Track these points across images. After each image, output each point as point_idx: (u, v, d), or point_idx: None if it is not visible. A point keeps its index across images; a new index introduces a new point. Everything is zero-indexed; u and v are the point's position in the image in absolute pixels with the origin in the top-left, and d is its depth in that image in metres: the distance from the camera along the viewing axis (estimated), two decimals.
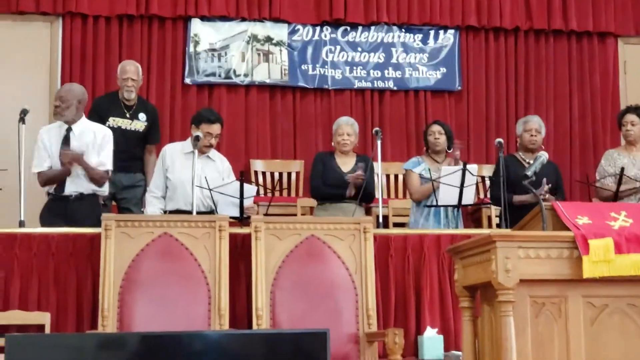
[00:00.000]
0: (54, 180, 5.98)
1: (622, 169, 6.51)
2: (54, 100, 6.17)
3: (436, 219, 6.60)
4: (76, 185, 5.99)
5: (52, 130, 6.15)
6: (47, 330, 5.29)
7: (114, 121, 6.76)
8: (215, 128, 6.31)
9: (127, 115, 6.86)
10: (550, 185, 6.33)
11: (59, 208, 5.99)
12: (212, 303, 5.34)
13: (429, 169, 6.57)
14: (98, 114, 6.62)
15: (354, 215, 6.32)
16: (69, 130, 6.05)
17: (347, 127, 6.68)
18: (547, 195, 6.26)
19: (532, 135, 6.79)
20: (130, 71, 6.86)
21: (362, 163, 6.58)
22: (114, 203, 6.62)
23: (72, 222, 5.75)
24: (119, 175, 6.46)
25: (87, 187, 6.01)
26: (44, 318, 5.35)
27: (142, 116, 6.90)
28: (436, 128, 6.81)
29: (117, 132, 6.47)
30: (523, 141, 6.84)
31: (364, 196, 6.57)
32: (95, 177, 6.00)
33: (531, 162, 6.65)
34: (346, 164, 6.64)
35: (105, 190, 6.15)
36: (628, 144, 6.92)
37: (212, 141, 6.27)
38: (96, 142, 6.05)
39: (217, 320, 5.28)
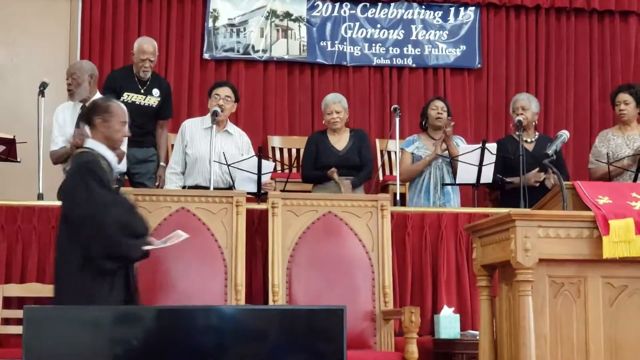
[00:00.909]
0: (64, 158, 6.01)
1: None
2: (66, 79, 6.18)
3: (426, 196, 6.58)
4: None
5: (67, 110, 6.18)
6: None
7: (128, 96, 6.75)
8: (223, 90, 6.30)
9: (142, 91, 6.85)
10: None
11: None
12: (228, 278, 5.36)
13: (433, 146, 6.54)
14: (113, 88, 6.61)
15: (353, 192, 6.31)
16: (83, 107, 6.06)
17: (334, 105, 6.63)
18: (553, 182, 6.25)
19: (518, 115, 6.70)
20: (148, 51, 6.81)
21: (355, 139, 6.54)
22: (126, 177, 6.62)
23: None
24: (132, 149, 6.47)
25: None
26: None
27: (155, 92, 6.89)
28: (440, 104, 6.77)
29: (131, 107, 6.46)
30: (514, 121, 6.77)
31: (363, 176, 6.54)
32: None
33: (529, 140, 6.68)
34: (340, 141, 6.62)
35: (123, 167, 6.17)
36: (622, 123, 6.80)
37: (220, 102, 6.23)
38: None
39: (234, 296, 5.30)
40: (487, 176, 6.38)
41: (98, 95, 6.15)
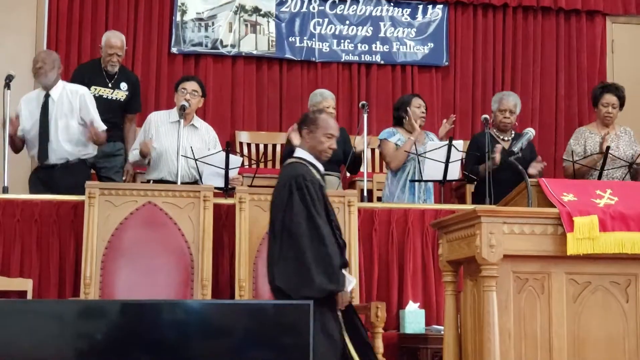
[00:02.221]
0: (13, 146, 6.05)
1: (608, 148, 6.45)
2: (35, 62, 6.14)
3: (411, 192, 6.59)
4: (58, 154, 5.99)
5: (31, 101, 6.15)
6: (29, 296, 5.28)
7: (95, 90, 6.71)
8: (190, 84, 6.29)
9: (109, 85, 6.82)
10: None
11: (45, 177, 5.98)
12: (195, 273, 5.35)
13: (413, 141, 6.55)
14: (80, 81, 6.56)
15: (337, 188, 6.30)
16: (47, 96, 6.04)
17: (332, 101, 6.64)
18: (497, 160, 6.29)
19: (505, 117, 6.68)
20: (116, 46, 6.79)
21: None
22: (93, 172, 6.58)
23: (58, 190, 5.74)
24: None
25: (72, 154, 6.02)
26: (26, 284, 5.34)
27: (123, 85, 6.86)
28: (421, 102, 6.78)
29: (99, 101, 6.44)
30: (496, 119, 6.73)
31: (350, 167, 6.56)
32: (100, 142, 6.17)
33: (506, 139, 6.70)
34: None
35: (93, 152, 6.16)
36: (604, 125, 6.75)
37: (187, 96, 6.21)
38: (75, 106, 6.08)
39: (200, 290, 5.29)
40: (454, 173, 6.41)
41: (60, 83, 6.14)
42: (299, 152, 4.68)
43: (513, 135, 6.82)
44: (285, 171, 4.62)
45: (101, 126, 6.10)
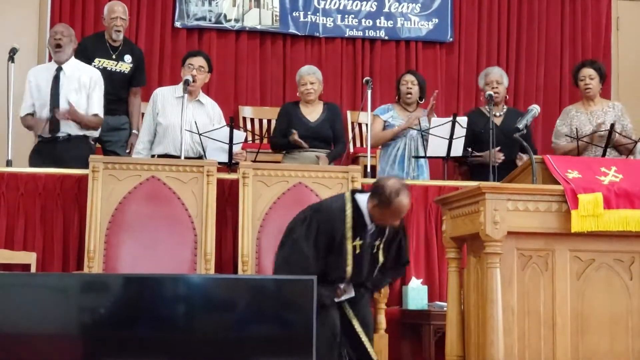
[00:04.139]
0: (36, 129, 6.03)
1: (612, 125, 6.43)
2: (54, 34, 6.13)
3: (400, 167, 6.58)
4: (63, 127, 5.98)
5: (41, 72, 6.13)
6: (33, 269, 5.29)
7: (99, 62, 6.69)
8: (197, 60, 6.26)
9: (113, 57, 6.79)
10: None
11: (48, 150, 5.97)
12: (198, 247, 5.35)
13: (418, 119, 6.54)
14: (84, 55, 6.54)
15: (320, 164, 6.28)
16: (59, 70, 6.03)
17: (309, 77, 6.57)
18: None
19: (493, 88, 6.68)
20: (119, 11, 6.79)
21: (328, 112, 6.53)
22: (98, 145, 6.58)
23: (61, 163, 5.73)
24: (104, 117, 6.41)
25: (76, 129, 6.01)
26: (29, 258, 5.35)
27: (127, 58, 6.83)
28: (409, 78, 6.74)
29: (103, 73, 6.42)
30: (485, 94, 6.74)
31: (335, 150, 6.53)
32: (90, 125, 6.08)
33: (497, 114, 6.69)
34: (312, 112, 6.56)
35: (96, 132, 6.16)
36: (587, 99, 6.71)
37: (193, 72, 6.19)
38: (85, 84, 6.06)
39: (203, 265, 5.30)
40: (458, 149, 6.40)
41: (73, 59, 6.15)
42: (362, 200, 4.44)
43: (505, 110, 6.81)
44: (328, 201, 4.58)
45: (95, 110, 6.07)
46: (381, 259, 4.51)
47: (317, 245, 4.37)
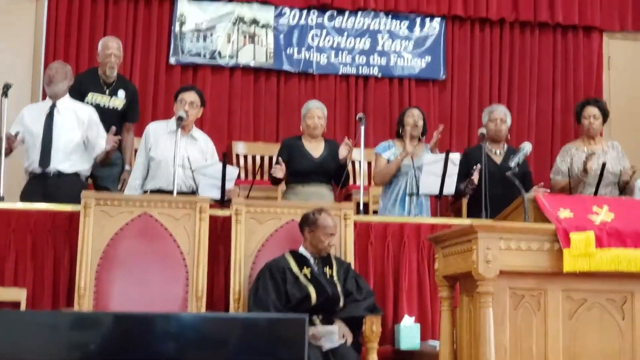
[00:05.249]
0: (7, 144, 5.94)
1: (604, 165, 6.46)
2: (49, 70, 6.15)
3: (402, 206, 6.57)
4: (55, 163, 5.98)
5: (35, 109, 6.15)
6: (23, 306, 5.25)
7: (92, 97, 6.71)
8: (189, 95, 6.25)
9: (106, 92, 6.81)
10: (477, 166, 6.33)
11: (39, 186, 5.96)
12: (190, 285, 5.32)
13: (410, 154, 6.52)
14: (77, 90, 6.56)
15: (324, 199, 6.27)
16: (53, 106, 6.05)
17: (317, 111, 6.58)
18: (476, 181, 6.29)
19: (497, 125, 6.70)
20: (113, 47, 6.82)
21: (329, 148, 6.53)
22: (90, 181, 6.56)
23: (53, 199, 5.72)
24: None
25: (68, 166, 6.00)
26: (20, 294, 5.31)
27: (121, 93, 6.85)
28: (416, 112, 6.75)
29: (96, 109, 6.43)
30: (489, 131, 6.72)
31: (338, 181, 6.53)
32: (108, 162, 6.23)
33: (498, 152, 6.70)
34: (315, 148, 6.55)
35: (88, 169, 6.15)
36: (588, 137, 6.77)
37: (186, 107, 6.19)
38: (82, 122, 6.09)
39: (195, 303, 5.26)
40: (450, 187, 6.40)
41: (67, 97, 6.16)
42: (300, 248, 5.23)
43: (506, 148, 6.81)
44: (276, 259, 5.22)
45: (102, 146, 6.12)
46: (338, 284, 5.07)
47: (276, 285, 5.01)
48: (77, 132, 6.06)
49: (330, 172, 6.46)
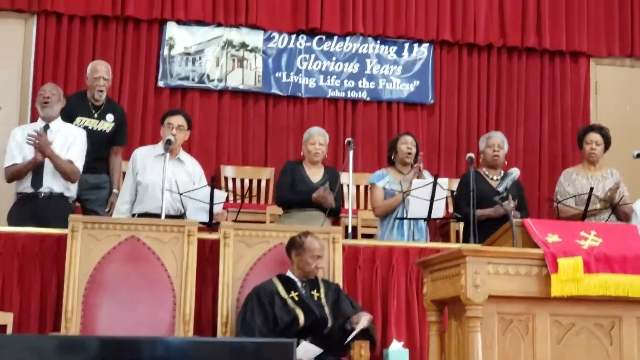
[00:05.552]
0: (21, 173, 5.95)
1: (591, 189, 6.50)
2: (43, 93, 6.14)
3: (399, 232, 6.57)
4: (48, 181, 5.96)
5: (27, 130, 6.13)
6: (9, 330, 5.21)
7: (81, 121, 6.70)
8: (176, 119, 6.25)
9: (95, 116, 6.80)
10: (516, 201, 6.33)
11: (28, 208, 5.94)
12: (177, 309, 5.30)
13: (400, 181, 6.53)
14: (67, 113, 6.55)
15: (322, 224, 6.29)
16: (46, 127, 6.04)
17: (319, 137, 6.63)
18: (513, 212, 6.25)
19: (494, 151, 6.73)
20: (102, 70, 6.82)
21: (329, 175, 6.54)
22: (78, 204, 6.55)
23: (41, 222, 5.69)
24: (84, 175, 6.40)
25: (59, 186, 5.99)
26: (6, 318, 5.27)
27: (109, 117, 6.84)
28: (409, 139, 6.77)
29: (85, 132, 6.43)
30: (486, 157, 6.78)
31: (332, 211, 6.54)
32: (65, 170, 6.00)
33: (495, 178, 6.71)
34: (315, 174, 6.58)
35: (73, 192, 6.13)
36: (589, 163, 6.81)
37: (173, 131, 6.19)
38: (70, 143, 6.10)
39: (182, 327, 5.24)
40: (439, 211, 6.41)
41: (60, 120, 6.17)
42: (288, 272, 5.26)
43: (502, 174, 6.82)
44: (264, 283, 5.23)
45: (75, 162, 6.07)
46: (326, 306, 5.10)
47: (263, 310, 5.03)
48: (67, 155, 6.05)
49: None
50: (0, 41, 8.10)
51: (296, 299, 5.12)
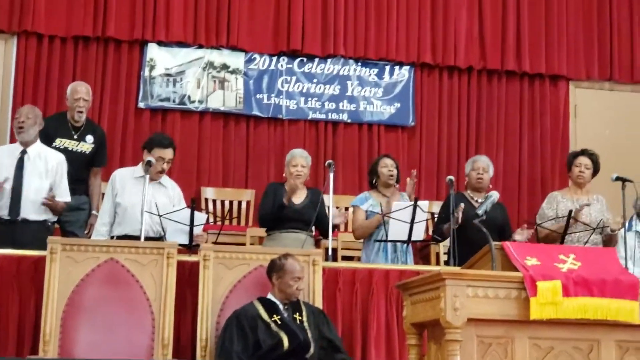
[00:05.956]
0: None
1: (570, 212, 6.53)
2: (18, 117, 6.12)
3: (384, 254, 6.58)
4: (24, 211, 5.94)
5: (5, 152, 6.10)
6: None
7: (61, 142, 6.68)
8: (168, 153, 6.23)
9: (75, 137, 6.78)
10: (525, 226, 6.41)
11: (7, 232, 5.90)
12: (156, 332, 5.27)
13: (380, 204, 6.54)
14: (46, 134, 6.52)
15: (304, 246, 6.28)
16: (23, 152, 6.01)
17: (301, 159, 6.62)
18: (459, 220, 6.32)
19: (479, 174, 6.77)
20: (82, 91, 6.80)
21: (311, 196, 6.55)
22: (57, 225, 6.51)
23: (21, 246, 5.65)
24: None
25: (36, 215, 5.97)
26: None
27: (89, 138, 6.82)
28: (389, 161, 6.79)
29: (64, 153, 6.40)
30: (471, 180, 6.82)
31: (323, 231, 6.57)
32: (61, 212, 6.15)
33: (480, 200, 6.73)
34: (297, 196, 6.57)
35: (53, 218, 6.12)
36: (576, 186, 6.88)
37: (164, 166, 6.19)
38: (52, 169, 6.07)
39: (160, 350, 5.21)
40: (419, 233, 6.42)
41: (38, 143, 6.15)
42: (269, 295, 5.24)
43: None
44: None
45: (65, 197, 6.11)
46: (308, 330, 5.09)
47: (243, 334, 5.01)
48: (46, 181, 6.04)
49: (310, 220, 6.45)
50: None
51: (279, 322, 5.11)
